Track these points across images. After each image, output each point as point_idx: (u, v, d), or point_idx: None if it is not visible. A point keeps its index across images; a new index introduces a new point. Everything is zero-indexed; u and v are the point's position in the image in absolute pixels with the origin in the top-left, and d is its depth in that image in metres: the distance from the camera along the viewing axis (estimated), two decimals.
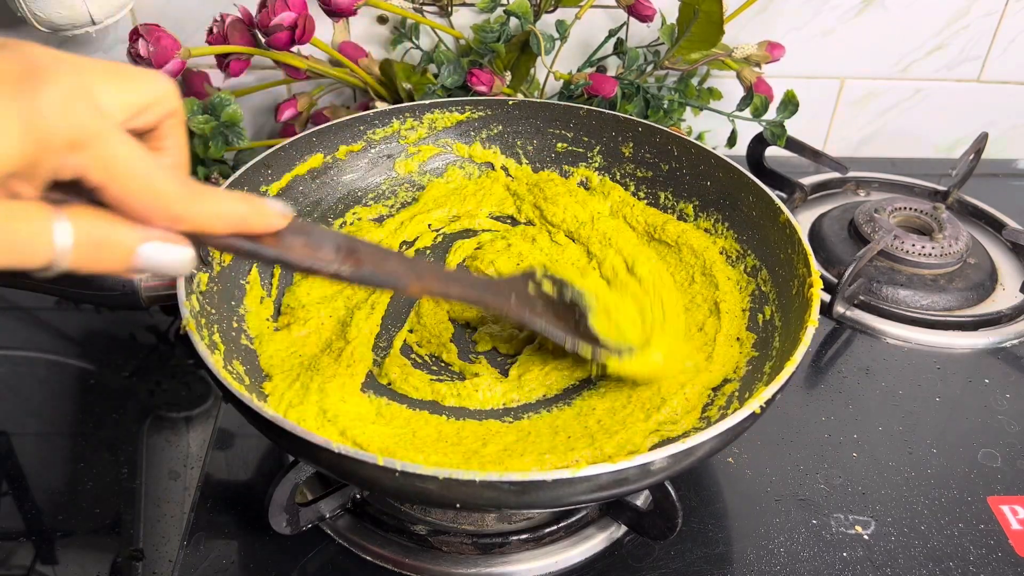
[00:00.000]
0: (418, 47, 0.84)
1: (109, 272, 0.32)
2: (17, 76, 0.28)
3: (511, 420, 0.55)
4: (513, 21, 0.77)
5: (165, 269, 0.33)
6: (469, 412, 0.56)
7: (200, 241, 0.34)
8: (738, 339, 0.59)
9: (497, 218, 0.74)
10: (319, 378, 0.54)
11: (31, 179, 0.29)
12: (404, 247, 0.70)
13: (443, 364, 0.61)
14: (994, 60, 0.96)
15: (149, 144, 0.35)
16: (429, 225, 0.72)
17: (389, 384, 0.58)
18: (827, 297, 0.73)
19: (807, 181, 0.89)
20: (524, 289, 0.53)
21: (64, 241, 0.30)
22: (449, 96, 0.78)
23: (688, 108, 0.87)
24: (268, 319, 0.61)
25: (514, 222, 0.74)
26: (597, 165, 0.75)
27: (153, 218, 0.32)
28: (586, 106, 0.74)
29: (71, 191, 0.31)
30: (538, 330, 0.52)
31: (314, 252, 0.39)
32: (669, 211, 0.71)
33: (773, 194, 0.62)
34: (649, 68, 0.83)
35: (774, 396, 0.45)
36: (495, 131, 0.76)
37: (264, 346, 0.58)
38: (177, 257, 0.33)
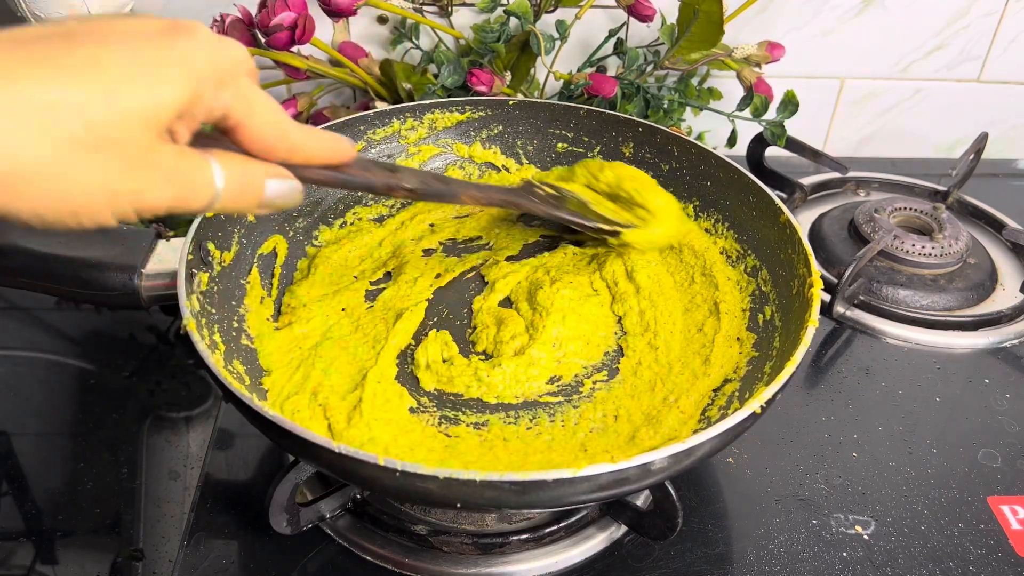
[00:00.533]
0: (418, 47, 0.84)
1: (242, 210, 0.37)
2: (164, 30, 0.33)
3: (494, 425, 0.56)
4: (513, 21, 0.77)
5: (284, 201, 0.39)
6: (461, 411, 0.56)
7: (302, 176, 0.40)
8: (738, 339, 0.59)
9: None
10: (321, 363, 0.56)
11: (190, 119, 0.34)
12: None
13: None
14: (994, 60, 0.96)
15: None
16: (431, 225, 0.72)
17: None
18: (827, 297, 0.73)
19: (807, 181, 0.89)
20: (536, 192, 0.62)
21: (219, 182, 0.35)
22: (449, 96, 0.78)
23: (688, 108, 0.87)
24: (268, 319, 0.61)
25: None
26: None
27: (275, 151, 0.38)
28: (586, 106, 0.74)
29: (206, 142, 0.36)
30: (563, 218, 0.62)
31: (386, 176, 0.46)
32: None
33: (773, 194, 0.62)
34: (649, 68, 0.83)
35: (774, 396, 0.45)
36: (495, 131, 0.76)
37: (264, 344, 0.58)
38: (292, 188, 0.39)
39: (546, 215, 0.61)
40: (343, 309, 0.63)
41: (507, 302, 0.65)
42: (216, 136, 0.37)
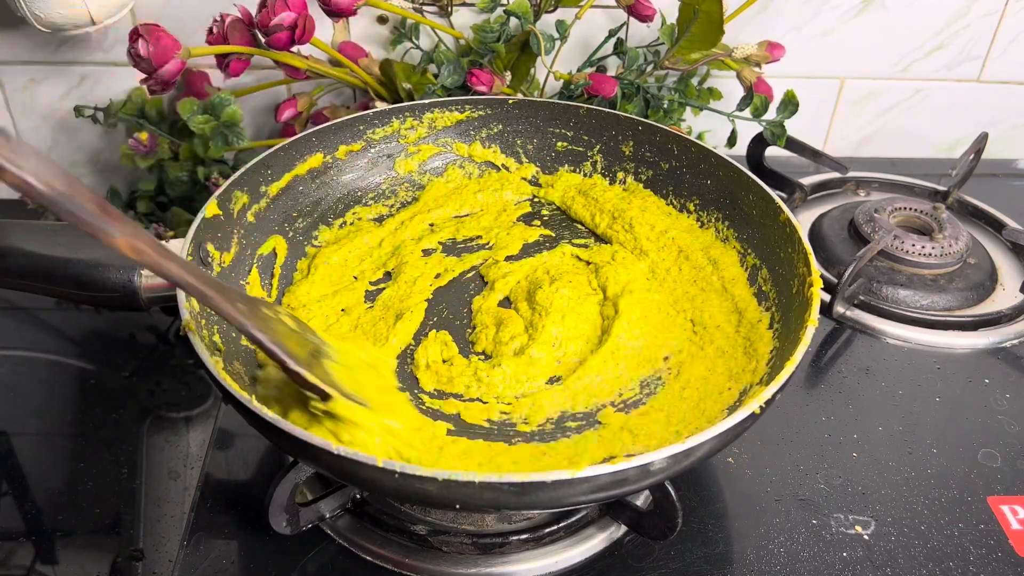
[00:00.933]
0: (418, 47, 0.83)
1: None
2: None
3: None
4: (513, 21, 0.77)
5: None
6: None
7: None
8: None
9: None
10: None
11: None
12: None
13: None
14: (994, 60, 0.95)
15: None
16: (431, 225, 0.72)
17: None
18: (827, 297, 0.73)
19: (807, 181, 0.89)
20: (258, 308, 0.47)
21: None
22: (449, 96, 0.78)
23: (688, 108, 0.87)
24: None
25: None
26: (598, 164, 0.75)
27: None
28: (586, 105, 0.74)
29: None
30: (258, 343, 0.45)
31: (12, 155, 0.33)
32: None
33: (773, 193, 0.62)
34: (649, 68, 0.83)
35: (774, 396, 0.45)
36: (495, 130, 0.76)
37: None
38: None
39: (240, 328, 0.44)
40: (342, 310, 0.63)
41: (506, 302, 0.65)
42: None
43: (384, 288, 0.66)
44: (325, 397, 0.45)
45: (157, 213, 0.84)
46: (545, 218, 0.74)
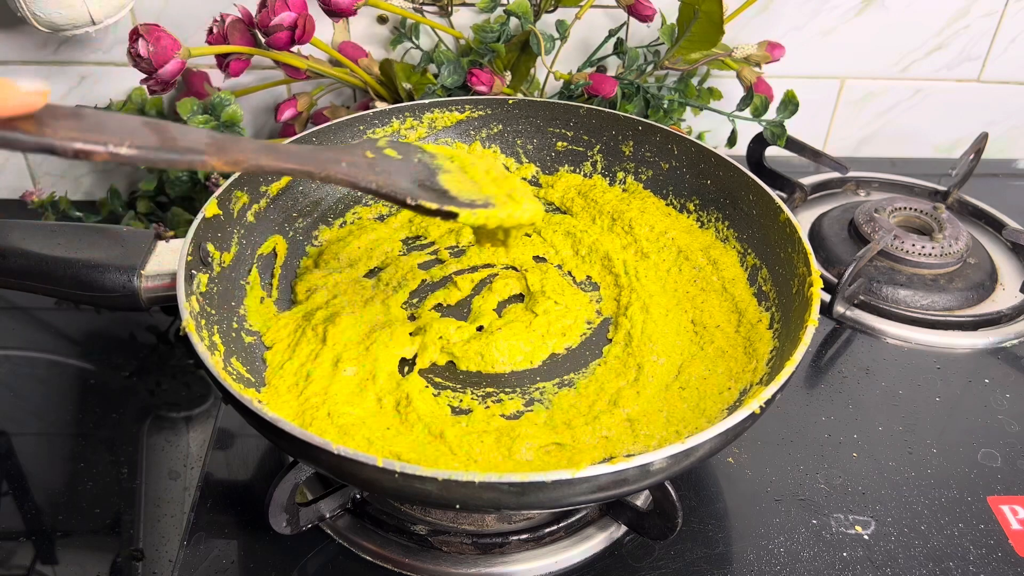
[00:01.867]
0: (418, 47, 0.83)
1: None
2: None
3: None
4: (513, 21, 0.77)
5: None
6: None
7: None
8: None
9: None
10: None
11: None
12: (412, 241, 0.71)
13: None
14: (994, 60, 0.95)
15: None
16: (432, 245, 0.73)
17: None
18: (827, 297, 0.73)
19: (807, 181, 0.89)
20: (361, 156, 0.48)
21: None
22: (449, 96, 0.78)
23: (688, 108, 0.87)
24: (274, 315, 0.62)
25: None
26: (598, 164, 0.75)
27: None
28: (586, 105, 0.74)
29: None
30: (371, 190, 0.46)
31: (86, 133, 0.34)
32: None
33: (773, 193, 0.62)
34: (649, 68, 0.83)
35: (774, 396, 0.45)
36: (495, 130, 0.76)
37: (270, 333, 0.59)
38: None
39: (350, 184, 0.46)
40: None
41: (506, 302, 0.65)
42: None
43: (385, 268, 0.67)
44: (450, 216, 0.47)
45: (157, 213, 0.83)
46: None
